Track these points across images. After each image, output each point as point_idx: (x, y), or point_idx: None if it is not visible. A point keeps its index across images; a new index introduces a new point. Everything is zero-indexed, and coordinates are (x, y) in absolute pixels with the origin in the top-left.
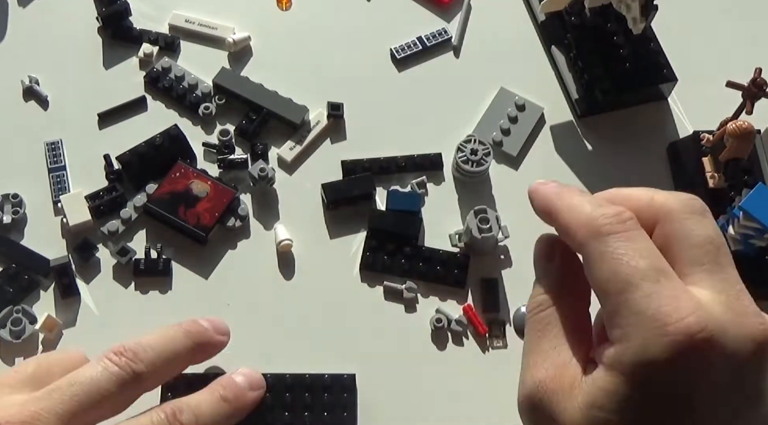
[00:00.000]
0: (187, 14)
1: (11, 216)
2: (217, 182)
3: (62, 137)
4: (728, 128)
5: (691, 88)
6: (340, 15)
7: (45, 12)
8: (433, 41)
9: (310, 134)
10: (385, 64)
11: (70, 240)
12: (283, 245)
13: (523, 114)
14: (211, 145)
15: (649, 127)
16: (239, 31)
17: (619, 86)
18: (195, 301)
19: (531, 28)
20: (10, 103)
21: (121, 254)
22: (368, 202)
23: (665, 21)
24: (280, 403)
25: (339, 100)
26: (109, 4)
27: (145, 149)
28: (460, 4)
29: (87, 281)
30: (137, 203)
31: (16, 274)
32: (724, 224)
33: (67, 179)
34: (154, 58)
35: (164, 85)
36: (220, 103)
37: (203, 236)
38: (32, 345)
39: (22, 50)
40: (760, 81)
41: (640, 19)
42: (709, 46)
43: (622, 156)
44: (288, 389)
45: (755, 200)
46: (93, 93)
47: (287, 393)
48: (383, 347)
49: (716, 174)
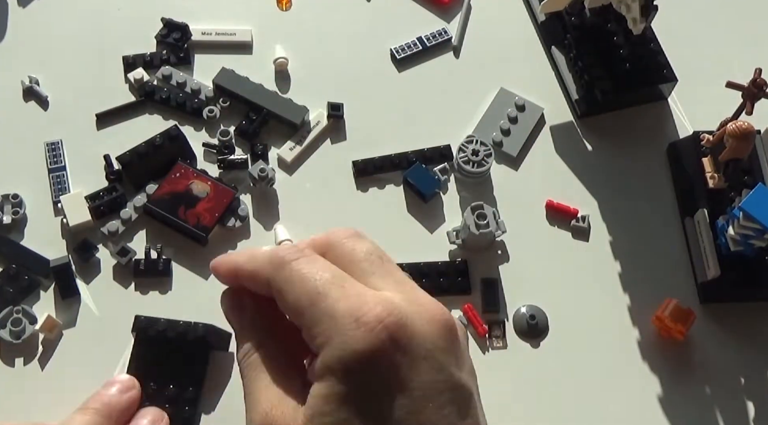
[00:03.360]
0: (202, 27)
1: (11, 216)
2: (217, 182)
3: (62, 137)
4: (728, 129)
5: (691, 88)
6: (340, 15)
7: (45, 12)
8: (433, 41)
9: (310, 134)
10: (385, 64)
11: (70, 241)
12: (283, 245)
13: (523, 114)
14: (211, 145)
15: (649, 127)
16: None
17: (619, 87)
18: (195, 301)
19: (531, 29)
20: (10, 103)
21: (121, 255)
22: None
23: (665, 21)
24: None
25: (339, 100)
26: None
27: (145, 149)
28: (460, 5)
29: (87, 282)
30: (137, 204)
31: (17, 274)
32: (723, 225)
33: (67, 180)
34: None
35: (161, 97)
36: (224, 105)
37: (203, 237)
38: (32, 346)
39: (22, 50)
40: (760, 81)
41: (640, 19)
42: (709, 47)
43: (622, 156)
44: None
45: (755, 201)
46: (93, 93)
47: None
48: None
49: (716, 174)
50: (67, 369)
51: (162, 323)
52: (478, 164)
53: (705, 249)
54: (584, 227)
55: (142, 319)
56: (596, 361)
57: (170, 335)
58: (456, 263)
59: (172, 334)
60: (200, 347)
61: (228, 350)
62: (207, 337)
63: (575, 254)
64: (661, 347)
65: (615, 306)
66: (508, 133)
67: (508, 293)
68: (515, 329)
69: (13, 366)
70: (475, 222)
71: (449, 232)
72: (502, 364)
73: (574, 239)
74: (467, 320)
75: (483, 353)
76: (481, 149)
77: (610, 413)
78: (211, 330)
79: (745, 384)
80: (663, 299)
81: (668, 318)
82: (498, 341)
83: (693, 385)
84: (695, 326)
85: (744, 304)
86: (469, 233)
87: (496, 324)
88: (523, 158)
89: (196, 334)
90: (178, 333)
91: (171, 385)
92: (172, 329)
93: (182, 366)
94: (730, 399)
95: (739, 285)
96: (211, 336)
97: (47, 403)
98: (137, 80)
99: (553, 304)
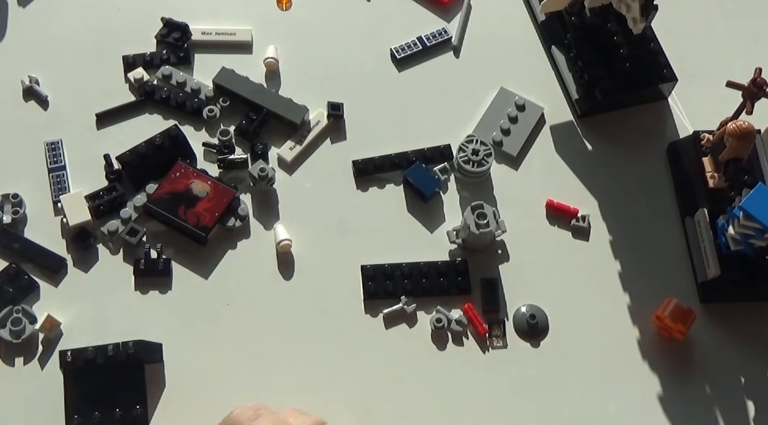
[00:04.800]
0: (202, 26)
1: (11, 216)
2: (217, 182)
3: (62, 136)
4: (728, 128)
5: (691, 88)
6: (340, 15)
7: (45, 12)
8: (433, 41)
9: (310, 133)
10: (385, 64)
11: (69, 240)
12: (283, 245)
13: (523, 114)
14: (211, 145)
15: (649, 127)
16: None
17: (619, 86)
18: (195, 301)
19: (531, 28)
20: (10, 103)
21: (131, 235)
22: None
23: (665, 21)
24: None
25: (339, 100)
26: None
27: (145, 148)
28: (460, 4)
29: (88, 281)
30: (137, 203)
31: (17, 274)
32: (724, 224)
33: (67, 179)
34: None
35: (161, 97)
36: (224, 105)
37: (203, 236)
38: (32, 345)
39: (22, 50)
40: (760, 81)
41: (640, 19)
42: (709, 46)
43: (622, 156)
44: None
45: (755, 200)
46: (93, 93)
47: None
48: (384, 346)
49: (716, 174)
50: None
51: (90, 351)
52: (478, 163)
53: (705, 249)
54: (584, 226)
55: (67, 354)
56: (596, 361)
57: (100, 361)
58: (456, 263)
59: (102, 360)
60: (134, 364)
61: (161, 360)
62: (139, 353)
63: (575, 253)
64: (661, 346)
65: (615, 306)
66: (508, 132)
67: (508, 292)
68: (515, 328)
69: (13, 365)
70: (475, 222)
71: (449, 232)
72: (502, 364)
73: (574, 238)
74: (467, 320)
75: (483, 353)
76: (481, 149)
77: (610, 413)
78: (142, 345)
79: (745, 384)
80: (663, 299)
81: (668, 318)
82: (498, 340)
83: (693, 385)
84: (695, 325)
85: (744, 304)
86: (469, 232)
87: (496, 323)
88: (523, 158)
89: (128, 353)
90: (108, 358)
91: (116, 409)
92: (102, 355)
93: (122, 387)
94: (731, 398)
95: (740, 285)
96: (143, 351)
97: (47, 403)
98: (137, 80)
99: (554, 304)
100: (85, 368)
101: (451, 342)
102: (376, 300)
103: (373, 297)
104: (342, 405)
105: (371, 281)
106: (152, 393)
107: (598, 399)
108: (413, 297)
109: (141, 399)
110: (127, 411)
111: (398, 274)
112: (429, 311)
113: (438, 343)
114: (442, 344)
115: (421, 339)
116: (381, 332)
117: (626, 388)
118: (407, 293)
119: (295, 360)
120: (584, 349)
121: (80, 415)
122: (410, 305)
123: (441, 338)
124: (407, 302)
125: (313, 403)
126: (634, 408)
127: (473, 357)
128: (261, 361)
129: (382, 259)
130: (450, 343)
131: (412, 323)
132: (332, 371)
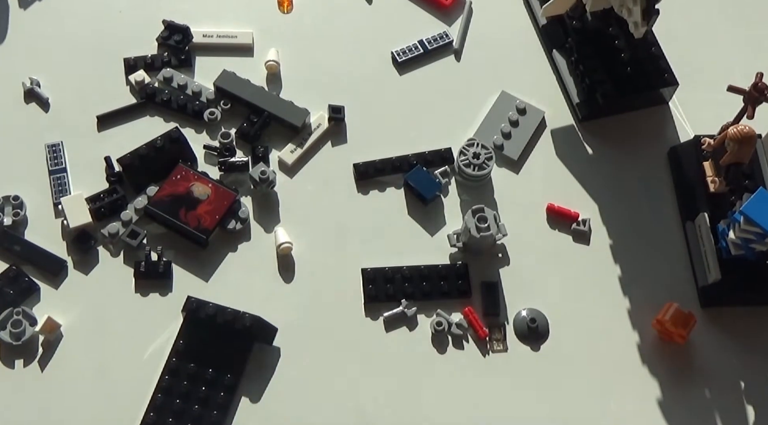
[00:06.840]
0: (203, 29)
1: (12, 218)
2: (218, 184)
3: (63, 139)
4: (729, 133)
5: (692, 92)
6: (341, 18)
7: (46, 14)
8: (434, 44)
9: (311, 136)
10: (387, 67)
11: (70, 242)
12: (283, 247)
13: (524, 118)
14: (212, 147)
15: (650, 131)
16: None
17: (620, 90)
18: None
19: (532, 32)
20: (11, 105)
21: (132, 237)
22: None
23: (667, 25)
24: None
25: (340, 103)
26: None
27: (145, 151)
28: (462, 8)
29: (88, 283)
30: (138, 206)
31: (17, 276)
32: (724, 229)
33: (67, 181)
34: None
35: (162, 99)
36: (225, 108)
37: (204, 239)
38: (32, 347)
39: (23, 52)
40: (761, 85)
41: (641, 23)
42: (711, 51)
43: (623, 160)
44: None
45: (756, 205)
46: (94, 95)
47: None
48: (384, 349)
49: (717, 178)
50: (67, 370)
51: (211, 307)
52: (479, 167)
53: (706, 253)
54: (585, 230)
55: (193, 301)
56: (596, 365)
57: (219, 320)
58: (456, 266)
59: (221, 320)
60: (245, 337)
61: (272, 344)
62: (253, 328)
63: (576, 257)
64: (661, 351)
65: (615, 310)
66: (509, 136)
67: (508, 296)
68: (516, 332)
69: (13, 367)
70: (475, 225)
71: (450, 235)
72: (503, 367)
73: (575, 242)
74: (467, 323)
75: (483, 356)
76: (482, 152)
77: (610, 416)
78: (258, 322)
79: (745, 388)
80: (663, 303)
81: (669, 322)
82: (498, 344)
83: (693, 389)
84: (696, 330)
85: (745, 308)
86: (470, 236)
87: (496, 327)
88: (524, 162)
89: (243, 324)
90: (226, 320)
91: (210, 369)
92: (221, 315)
93: (225, 352)
94: (731, 402)
95: (740, 289)
96: (257, 328)
97: (47, 404)
98: (138, 82)
99: (554, 307)
100: (203, 321)
101: (451, 345)
102: (376, 303)
103: (373, 300)
104: (342, 408)
105: (372, 284)
106: (254, 370)
107: (598, 402)
108: (414, 300)
109: (236, 370)
110: (219, 376)
111: (399, 277)
112: (429, 315)
113: (438, 346)
114: (443, 347)
115: (422, 342)
116: (381, 335)
117: (626, 392)
118: (408, 297)
119: (294, 362)
120: (584, 353)
121: (179, 360)
122: (411, 309)
123: (441, 341)
124: (408, 305)
125: (314, 406)
126: (635, 412)
127: (473, 360)
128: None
129: (383, 262)
130: (450, 346)
131: (413, 326)
132: (332, 373)
